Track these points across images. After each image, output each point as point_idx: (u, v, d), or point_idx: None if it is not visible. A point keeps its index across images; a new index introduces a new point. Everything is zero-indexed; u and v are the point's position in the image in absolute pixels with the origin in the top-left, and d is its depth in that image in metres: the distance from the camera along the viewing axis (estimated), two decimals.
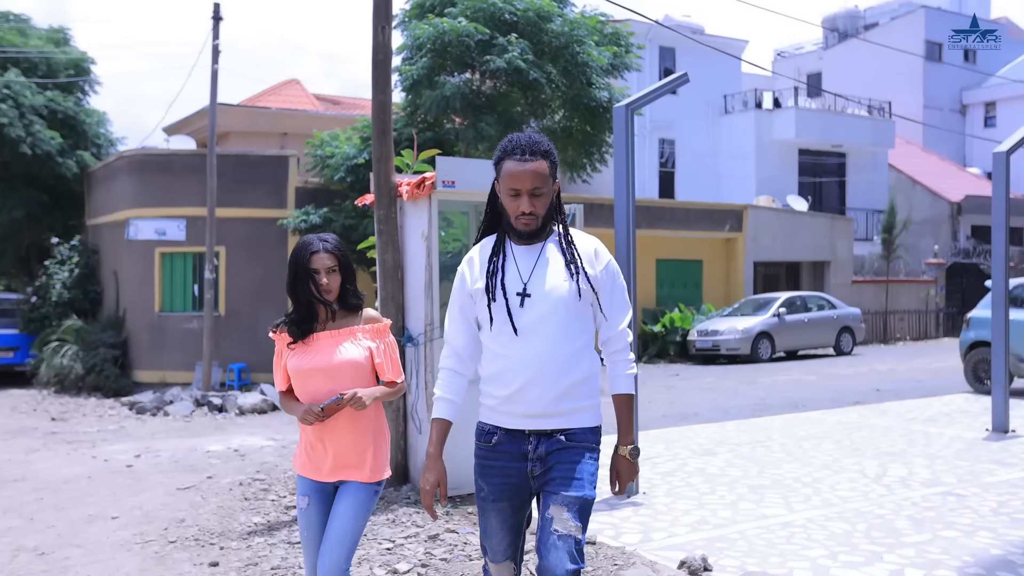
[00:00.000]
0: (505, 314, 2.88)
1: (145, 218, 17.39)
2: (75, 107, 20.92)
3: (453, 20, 13.77)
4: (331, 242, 3.45)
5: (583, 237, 3.01)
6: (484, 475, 2.97)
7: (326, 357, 3.38)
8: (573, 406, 2.89)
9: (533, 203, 2.87)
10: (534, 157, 2.88)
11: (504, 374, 2.89)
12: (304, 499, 3.48)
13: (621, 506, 6.53)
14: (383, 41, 6.94)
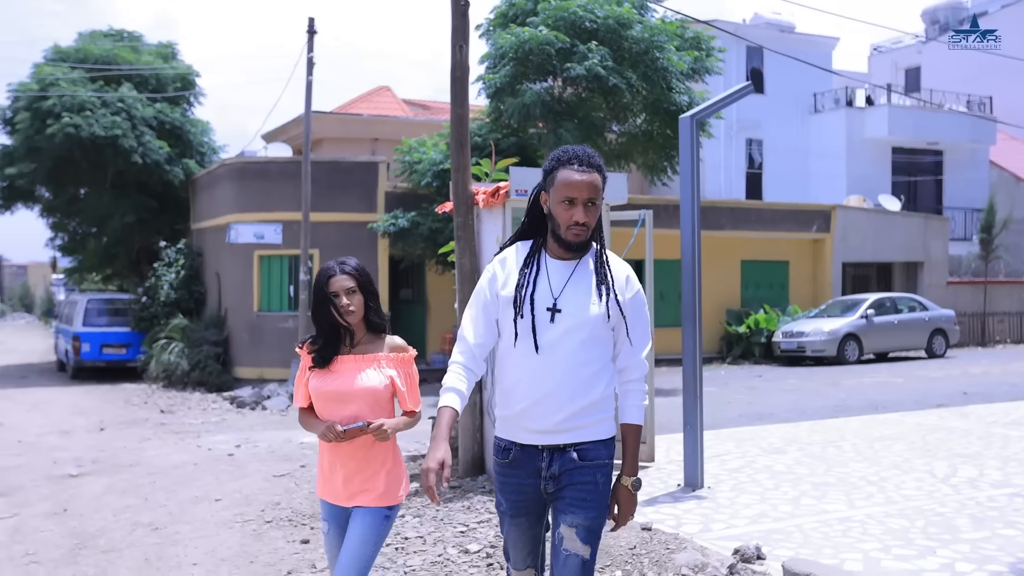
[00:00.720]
0: (530, 330, 2.88)
1: (245, 222, 18.34)
2: (181, 118, 22.15)
3: (534, 29, 14.17)
4: (350, 264, 3.49)
5: (617, 262, 3.03)
6: (502, 490, 3.02)
7: (347, 381, 3.40)
8: (587, 421, 2.90)
9: (587, 213, 2.88)
10: (591, 169, 2.90)
11: (520, 387, 2.91)
12: (325, 524, 3.54)
13: (685, 499, 6.83)
14: (461, 59, 7.40)
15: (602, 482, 2.91)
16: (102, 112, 20.21)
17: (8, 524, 6.81)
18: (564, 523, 2.89)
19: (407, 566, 5.22)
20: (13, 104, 21.37)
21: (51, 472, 9.05)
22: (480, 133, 16.68)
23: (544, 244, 3.00)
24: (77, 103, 20.07)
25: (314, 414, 3.50)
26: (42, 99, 20.28)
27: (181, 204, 22.28)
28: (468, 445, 7.49)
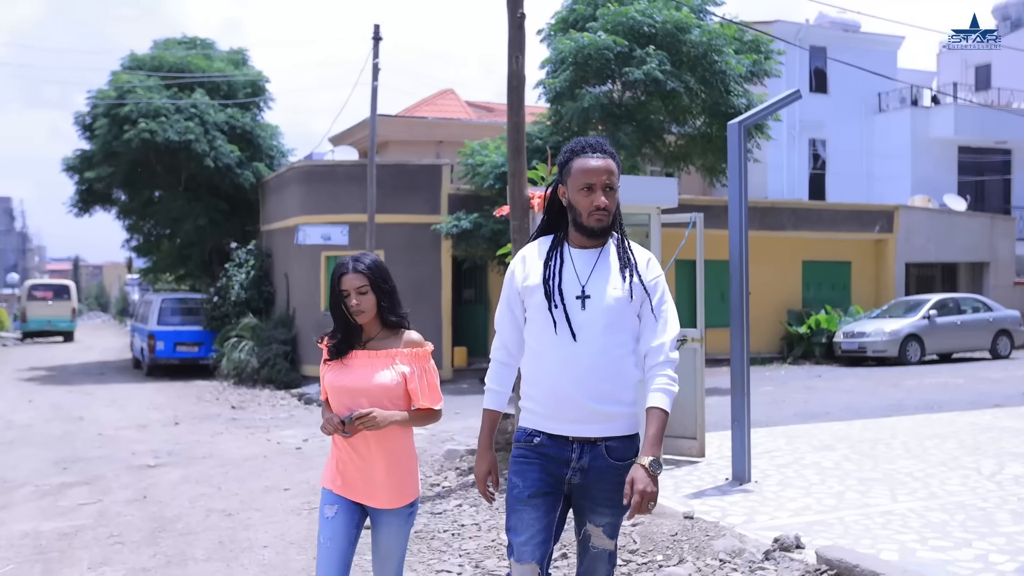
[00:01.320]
0: (563, 320, 2.91)
1: (312, 224, 18.94)
2: (251, 122, 22.91)
3: (593, 35, 14.43)
4: (363, 263, 3.45)
5: (639, 248, 3.09)
6: (521, 472, 2.98)
7: (359, 377, 3.39)
8: (616, 411, 2.92)
9: (607, 197, 2.92)
10: (605, 155, 2.96)
11: (549, 377, 2.93)
12: (332, 508, 3.44)
13: (732, 492, 7.04)
14: (517, 69, 7.72)
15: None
16: (176, 118, 21.03)
17: (93, 509, 7.33)
18: (592, 523, 2.98)
19: (462, 550, 5.56)
20: (92, 111, 22.35)
21: (130, 463, 9.61)
22: (541, 136, 16.99)
23: (565, 237, 3.05)
24: (152, 109, 20.92)
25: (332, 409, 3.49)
26: (119, 106, 21.19)
27: (251, 206, 23.04)
28: None
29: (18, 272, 65.82)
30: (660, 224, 7.97)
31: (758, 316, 21.87)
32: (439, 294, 18.37)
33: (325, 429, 3.34)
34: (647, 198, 7.81)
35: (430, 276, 18.29)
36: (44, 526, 6.58)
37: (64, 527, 6.58)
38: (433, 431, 11.42)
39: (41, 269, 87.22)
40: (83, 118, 22.57)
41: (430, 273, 18.27)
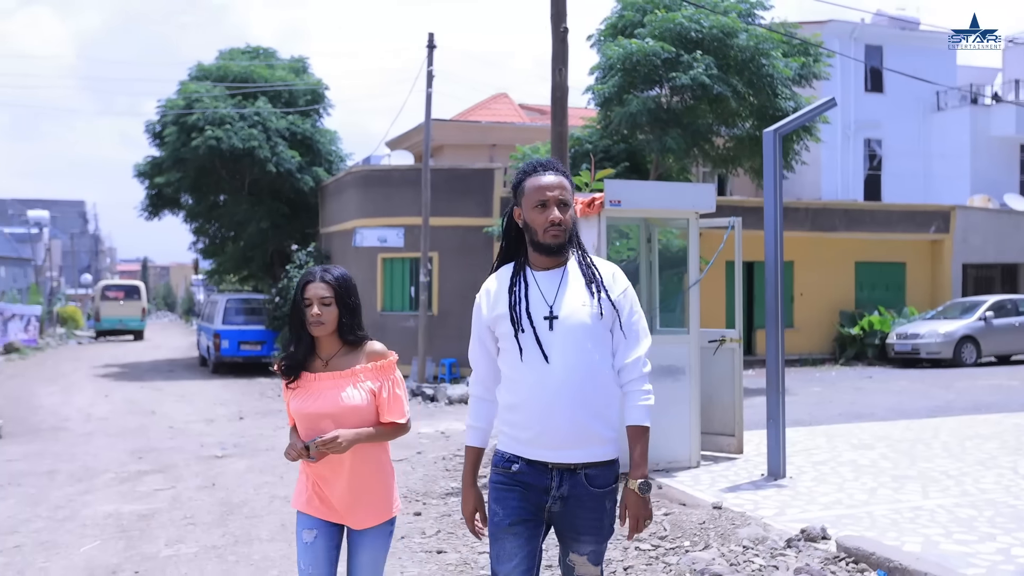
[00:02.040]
0: (534, 343, 2.88)
1: (369, 227, 19.55)
2: (311, 128, 23.66)
3: (641, 41, 14.73)
4: (332, 274, 3.35)
5: (602, 262, 3.06)
6: (500, 499, 2.94)
7: (327, 402, 3.28)
8: (595, 435, 2.88)
9: (561, 212, 2.90)
10: (557, 172, 2.96)
11: (527, 404, 2.88)
12: (311, 532, 3.35)
13: (766, 487, 7.32)
14: (560, 81, 8.11)
15: (610, 507, 2.95)
16: (240, 125, 21.85)
17: (168, 494, 7.90)
18: (576, 552, 2.95)
19: None
20: (162, 119, 23.32)
21: (199, 453, 10.20)
22: (591, 140, 17.35)
23: (526, 261, 3.01)
24: (218, 117, 21.76)
25: (299, 434, 3.36)
26: (187, 114, 22.08)
27: (311, 210, 23.77)
28: None
29: (91, 273, 68.21)
30: (698, 228, 8.26)
31: (810, 317, 21.88)
32: None
33: (289, 455, 3.24)
34: (685, 203, 8.12)
35: (482, 278, 18.58)
36: (124, 508, 7.17)
37: (142, 509, 7.15)
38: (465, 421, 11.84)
39: (112, 270, 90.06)
40: (153, 126, 23.55)
41: (483, 275, 18.45)
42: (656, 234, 8.81)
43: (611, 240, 9.09)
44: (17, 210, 53.72)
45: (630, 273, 8.72)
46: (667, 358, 7.99)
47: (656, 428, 7.80)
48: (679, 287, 8.64)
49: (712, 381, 8.61)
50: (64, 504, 7.40)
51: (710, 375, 8.59)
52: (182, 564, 5.58)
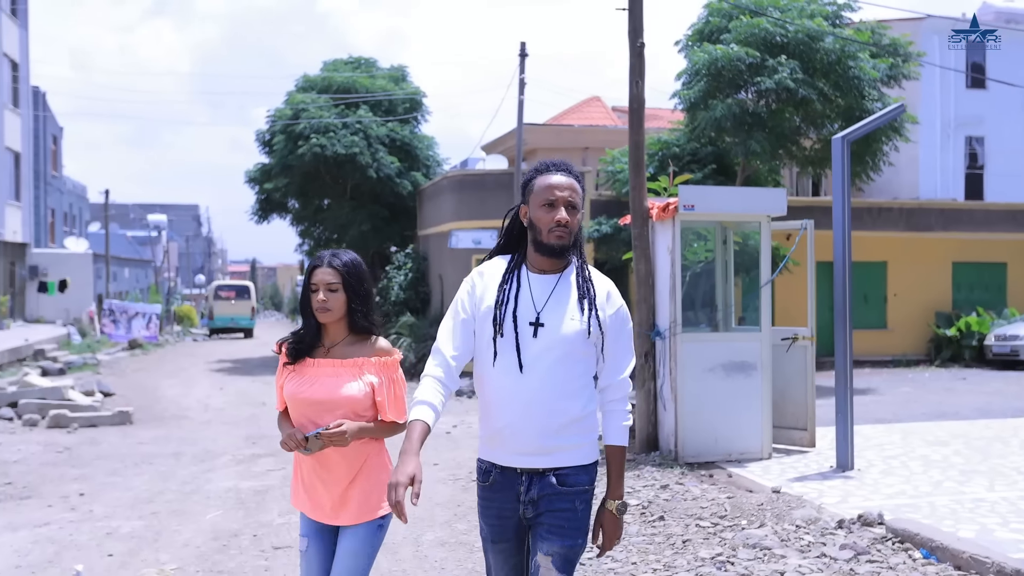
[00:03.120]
0: (513, 348, 2.82)
1: (464, 229, 20.34)
2: (410, 135, 24.65)
3: (726, 46, 15.04)
4: (340, 259, 3.26)
5: (599, 277, 2.97)
6: (483, 515, 2.95)
7: (324, 389, 3.19)
8: (566, 443, 2.82)
9: (568, 214, 2.83)
10: (568, 174, 2.89)
11: (500, 406, 2.83)
12: (304, 540, 3.29)
13: (832, 477, 7.67)
14: (637, 93, 8.61)
15: (581, 509, 2.85)
16: (343, 133, 22.98)
17: (279, 474, 8.72)
18: (541, 551, 2.84)
19: None
20: (271, 128, 24.68)
21: None
22: (678, 144, 17.72)
23: (524, 260, 2.95)
24: (323, 126, 22.95)
25: (290, 420, 3.26)
26: (294, 123, 23.34)
27: (409, 213, 24.76)
28: (643, 426, 8.68)
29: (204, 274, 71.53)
30: (770, 231, 8.65)
31: (904, 318, 21.68)
32: None
33: (286, 445, 3.13)
34: (757, 207, 8.52)
35: None
36: (242, 484, 8.02)
37: (257, 485, 7.99)
38: None
39: (223, 271, 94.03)
40: (263, 135, 24.95)
41: None
42: (731, 236, 9.22)
43: (689, 242, 9.56)
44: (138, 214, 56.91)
45: (707, 275, 9.20)
46: (739, 354, 8.42)
47: (728, 420, 8.31)
48: (771, 286, 8.97)
49: (785, 377, 8.97)
50: (190, 480, 8.30)
51: (783, 371, 8.95)
52: (293, 530, 6.32)
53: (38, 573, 5.39)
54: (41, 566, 5.52)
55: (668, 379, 8.45)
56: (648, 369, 8.62)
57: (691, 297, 9.13)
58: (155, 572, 5.30)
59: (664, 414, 8.54)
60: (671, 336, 8.41)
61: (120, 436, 11.10)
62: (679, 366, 8.31)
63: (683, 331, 8.36)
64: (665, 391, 8.51)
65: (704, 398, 8.30)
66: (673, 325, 8.39)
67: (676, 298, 8.40)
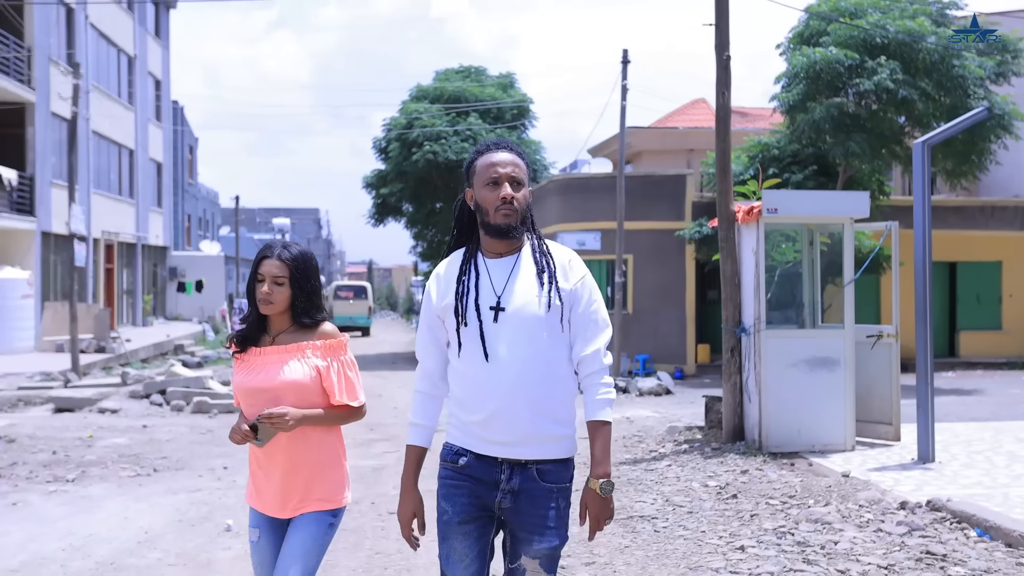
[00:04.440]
0: (478, 337, 2.74)
1: (569, 231, 21.02)
2: (517, 140, 25.51)
3: (825, 49, 15.26)
4: (290, 252, 3.18)
5: (558, 248, 2.88)
6: (449, 496, 2.81)
7: (270, 376, 3.14)
8: (548, 434, 2.75)
9: (513, 190, 2.75)
10: (509, 151, 2.83)
11: (474, 398, 2.76)
12: (255, 531, 3.23)
13: (911, 468, 8.01)
14: (723, 103, 9.13)
15: (563, 506, 2.81)
16: (454, 139, 24.05)
17: (393, 456, 9.59)
18: (527, 555, 2.78)
19: (661, 492, 7.14)
20: (386, 136, 25.99)
21: None
22: (779, 145, 17.94)
23: (478, 247, 2.88)
24: (435, 133, 24.07)
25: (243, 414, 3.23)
26: (408, 131, 24.55)
27: None
28: (729, 417, 9.19)
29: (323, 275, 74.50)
30: (853, 233, 9.02)
31: (1020, 319, 21.20)
32: (683, 295, 19.78)
33: (233, 438, 3.09)
34: (840, 210, 8.92)
35: (675, 278, 19.77)
36: (362, 463, 8.94)
37: (375, 464, 8.91)
38: (663, 412, 12.95)
39: (342, 272, 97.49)
40: (379, 142, 26.29)
41: (675, 276, 19.75)
42: (818, 238, 9.61)
43: (777, 243, 10.01)
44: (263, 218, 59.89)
45: (795, 275, 9.62)
46: (822, 350, 8.84)
47: (811, 413, 8.77)
48: (873, 286, 9.28)
49: (871, 373, 9.31)
50: None
51: (869, 368, 9.30)
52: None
53: (197, 526, 6.39)
54: (198, 521, 6.54)
55: (753, 373, 8.94)
56: (734, 363, 9.13)
57: (780, 296, 9.58)
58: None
59: (749, 406, 9.03)
60: (755, 332, 8.89)
61: None
62: (763, 361, 8.79)
63: (766, 328, 8.84)
64: (750, 384, 8.99)
65: (788, 391, 8.75)
66: (757, 322, 8.87)
67: (760, 297, 8.88)
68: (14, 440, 10.15)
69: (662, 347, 19.70)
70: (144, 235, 31.74)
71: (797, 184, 16.68)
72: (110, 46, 28.82)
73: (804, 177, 16.98)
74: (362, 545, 5.86)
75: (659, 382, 16.89)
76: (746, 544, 5.39)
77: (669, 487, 7.27)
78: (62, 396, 13.63)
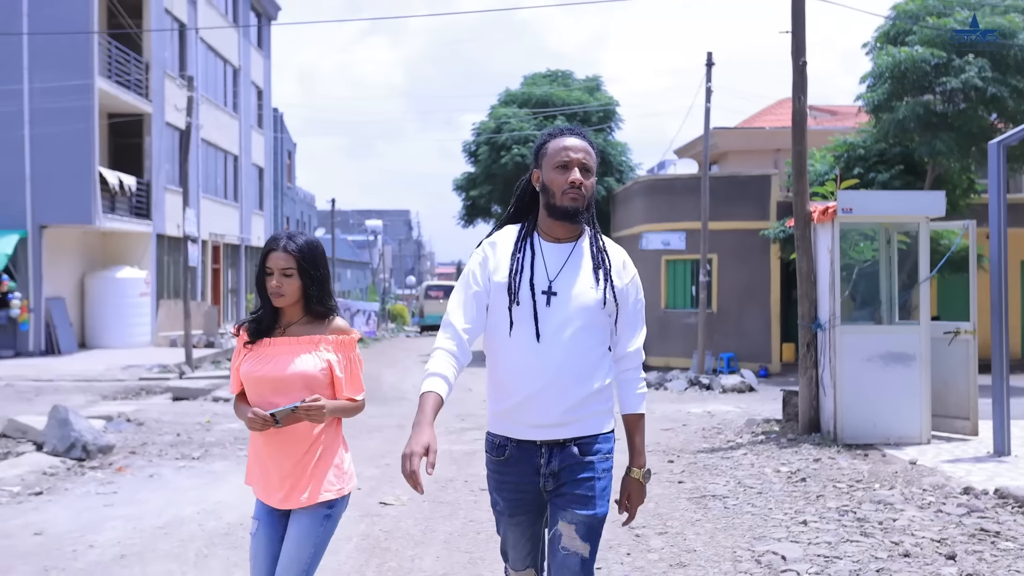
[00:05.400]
0: (531, 317, 2.78)
1: (654, 231, 21.42)
2: (603, 142, 25.98)
3: (911, 49, 15.33)
4: (295, 242, 3.18)
5: (613, 247, 2.96)
6: (498, 489, 2.90)
7: (280, 366, 3.16)
8: (587, 412, 2.81)
9: (582, 176, 2.80)
10: (582, 138, 2.88)
11: (518, 378, 2.80)
12: (255, 523, 3.27)
13: (985, 460, 8.24)
14: (799, 107, 9.49)
15: (603, 477, 2.84)
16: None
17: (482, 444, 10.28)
18: (563, 520, 2.80)
19: (735, 475, 7.59)
20: (476, 139, 26.81)
21: None
22: (865, 145, 18.00)
23: (536, 227, 2.92)
24: (523, 137, 24.74)
25: (247, 402, 3.25)
26: (496, 135, 25.29)
27: (603, 216, 26.06)
28: (806, 409, 9.54)
29: (414, 275, 76.15)
30: (928, 232, 9.26)
31: None
32: (768, 294, 19.96)
33: (253, 425, 3.09)
34: (915, 209, 9.18)
35: (759, 278, 19.96)
36: (454, 448, 9.62)
37: (466, 449, 9.58)
38: (744, 408, 13.29)
39: (432, 272, 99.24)
40: (469, 146, 27.12)
41: (759, 275, 19.95)
42: (895, 236, 9.86)
43: (855, 242, 10.29)
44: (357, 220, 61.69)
45: (873, 275, 9.90)
46: (898, 346, 9.12)
47: (886, 406, 9.08)
48: (964, 286, 9.38)
49: (948, 369, 9.53)
50: None
51: (946, 363, 9.52)
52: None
53: None
54: None
55: (828, 367, 9.28)
56: (810, 358, 9.48)
57: (859, 293, 9.88)
58: (392, 499, 6.92)
59: (824, 399, 9.37)
60: (831, 328, 9.23)
61: None
62: (838, 356, 9.12)
63: (842, 324, 9.16)
64: (825, 378, 9.33)
65: (863, 385, 9.07)
66: (832, 318, 9.21)
67: (835, 293, 9.21)
68: (143, 423, 11.20)
69: (746, 345, 19.94)
70: (247, 237, 33.32)
71: (883, 183, 16.73)
72: (217, 58, 30.42)
73: (891, 176, 17.02)
74: (457, 515, 6.51)
75: (742, 379, 17.16)
76: (809, 519, 5.83)
77: (742, 472, 7.72)
78: (179, 386, 14.78)
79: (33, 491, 7.38)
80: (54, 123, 19.87)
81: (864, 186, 16.89)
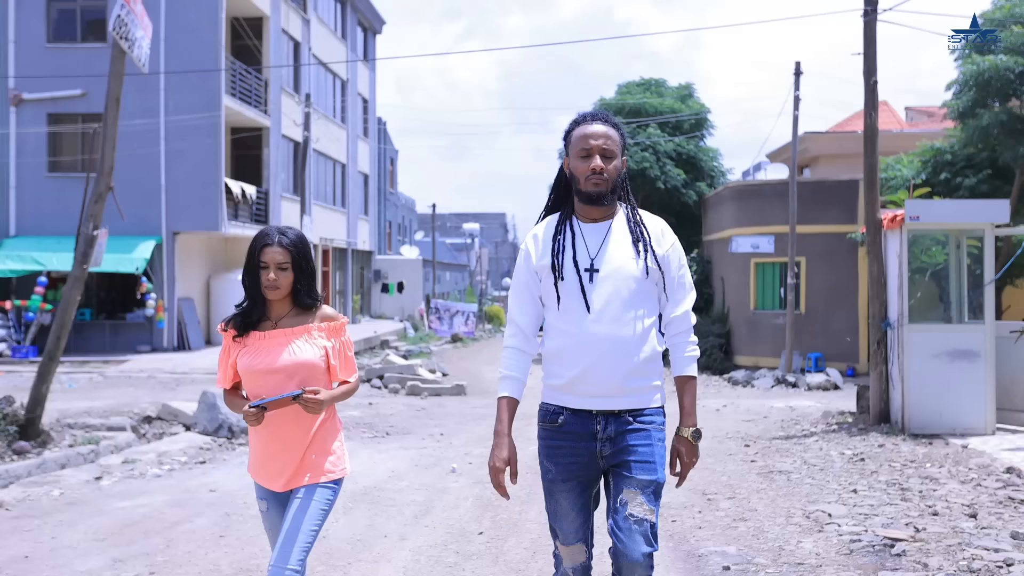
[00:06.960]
0: (578, 291, 2.90)
1: (743, 235, 22.13)
2: (695, 149, 26.76)
3: (995, 57, 15.73)
4: (289, 237, 3.27)
5: (650, 217, 3.05)
6: (551, 456, 2.97)
7: (279, 357, 3.24)
8: (640, 385, 2.92)
9: (604, 161, 2.90)
10: (604, 123, 2.97)
11: (571, 353, 2.90)
12: (263, 503, 3.40)
13: None
14: (871, 123, 10.28)
15: (659, 445, 2.96)
16: (634, 149, 25.59)
17: None
18: (628, 487, 2.88)
19: (803, 457, 8.49)
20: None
21: None
22: (952, 150, 18.35)
23: (573, 211, 3.04)
24: None
25: (238, 395, 3.37)
26: None
27: (695, 220, 26.87)
28: (876, 402, 10.31)
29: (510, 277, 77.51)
30: (993, 238, 9.92)
31: None
32: (855, 296, 20.46)
33: (249, 422, 3.21)
34: (980, 216, 9.86)
35: (847, 280, 20.49)
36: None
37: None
38: (825, 403, 14.02)
39: None
40: (562, 153, 28.21)
41: (847, 277, 20.48)
42: (964, 241, 10.52)
43: (927, 247, 10.99)
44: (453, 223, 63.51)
45: (944, 277, 10.59)
46: (963, 343, 9.82)
47: (952, 399, 9.83)
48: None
49: (1015, 365, 10.17)
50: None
51: (1014, 360, 10.16)
52: None
53: (430, 468, 8.38)
54: (430, 466, 8.52)
55: (897, 363, 10.04)
56: (880, 354, 10.25)
57: (931, 293, 10.59)
58: None
59: (893, 392, 10.13)
60: (899, 327, 9.99)
61: (458, 402, 14.40)
62: (906, 352, 9.87)
63: (909, 323, 9.91)
64: (894, 373, 10.09)
65: (929, 379, 9.79)
66: (900, 317, 9.97)
67: (903, 295, 9.97)
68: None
69: (834, 345, 20.49)
70: (353, 241, 35.20)
71: (971, 187, 17.10)
72: (327, 72, 32.33)
73: (978, 181, 17.34)
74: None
75: (827, 377, 17.81)
76: (859, 489, 6.74)
77: (810, 454, 8.62)
78: None
79: (197, 461, 8.82)
80: (186, 139, 21.81)
81: (951, 190, 17.30)
